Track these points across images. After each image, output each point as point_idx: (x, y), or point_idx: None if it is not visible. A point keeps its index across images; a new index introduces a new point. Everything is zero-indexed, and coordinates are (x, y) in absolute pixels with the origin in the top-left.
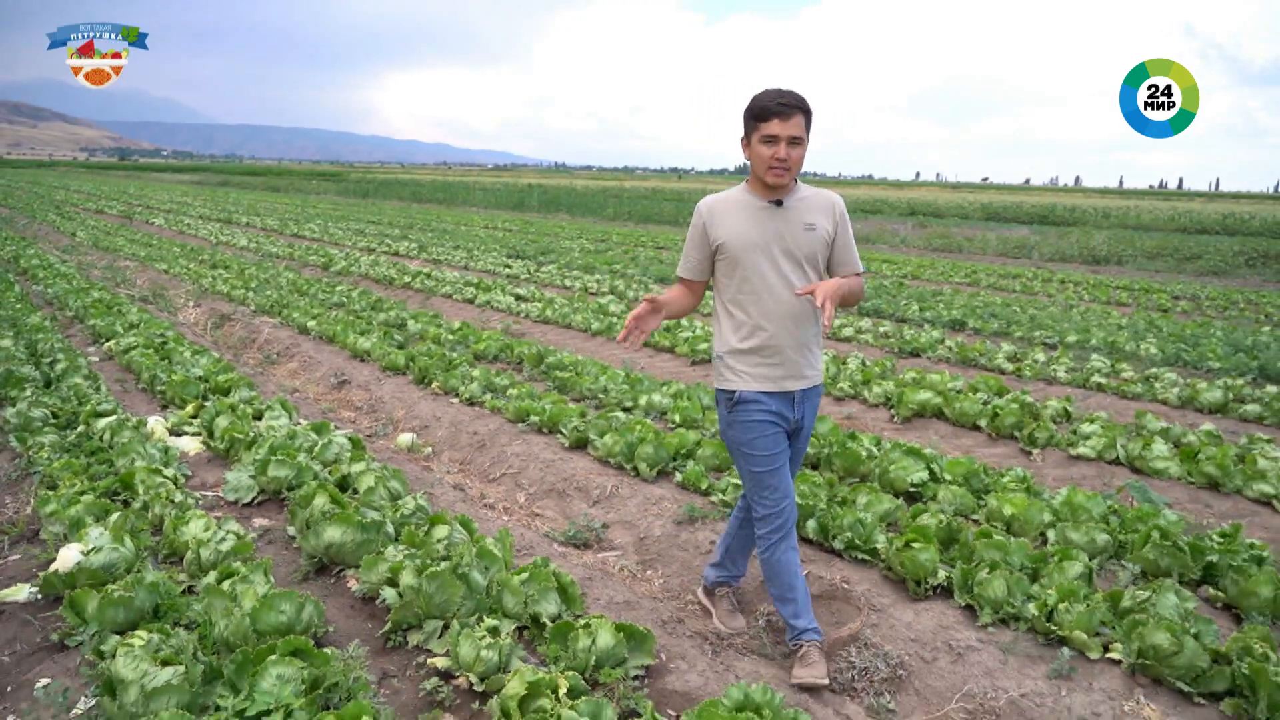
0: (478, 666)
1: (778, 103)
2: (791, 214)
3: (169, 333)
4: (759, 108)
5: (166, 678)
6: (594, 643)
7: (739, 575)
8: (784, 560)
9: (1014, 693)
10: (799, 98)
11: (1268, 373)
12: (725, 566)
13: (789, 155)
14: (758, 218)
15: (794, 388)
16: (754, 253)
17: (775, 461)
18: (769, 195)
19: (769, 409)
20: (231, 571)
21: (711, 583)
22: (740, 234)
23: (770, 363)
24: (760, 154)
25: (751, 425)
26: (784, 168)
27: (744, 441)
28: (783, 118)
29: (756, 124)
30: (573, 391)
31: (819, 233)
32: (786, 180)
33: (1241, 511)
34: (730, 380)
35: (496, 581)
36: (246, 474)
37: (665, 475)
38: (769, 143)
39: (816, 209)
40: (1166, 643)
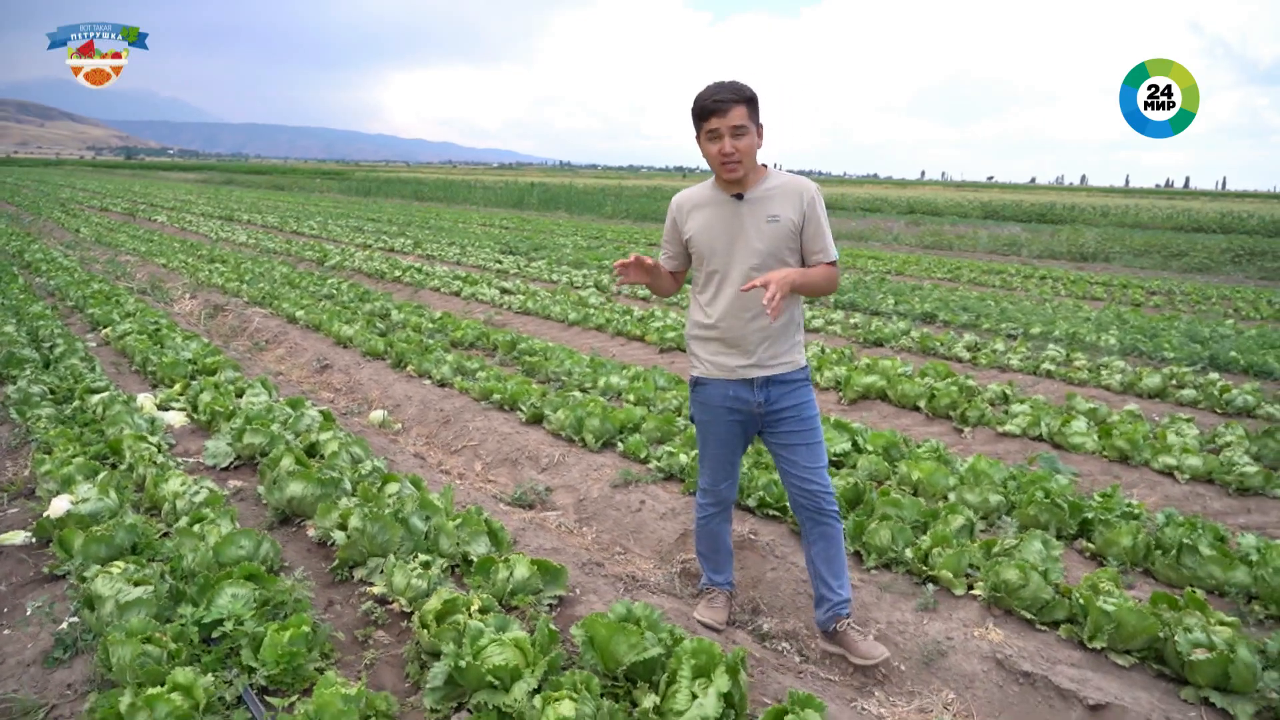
0: (408, 592)
1: (714, 99)
2: (754, 207)
3: (162, 320)
4: (698, 107)
5: (138, 594)
6: (511, 574)
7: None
8: (717, 531)
9: (883, 622)
10: (737, 88)
11: (1217, 362)
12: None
13: (735, 148)
14: (720, 213)
15: (754, 375)
16: (715, 247)
17: (724, 447)
18: (730, 190)
19: (725, 394)
20: (201, 516)
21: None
22: (703, 229)
23: (729, 351)
24: (708, 151)
25: (707, 408)
26: (734, 161)
27: (699, 422)
28: (720, 113)
29: (699, 123)
30: (539, 374)
31: (783, 224)
32: (740, 173)
33: (1147, 481)
34: (694, 365)
35: (434, 527)
36: (225, 442)
37: (610, 446)
38: (713, 138)
39: (782, 199)
40: (1015, 578)
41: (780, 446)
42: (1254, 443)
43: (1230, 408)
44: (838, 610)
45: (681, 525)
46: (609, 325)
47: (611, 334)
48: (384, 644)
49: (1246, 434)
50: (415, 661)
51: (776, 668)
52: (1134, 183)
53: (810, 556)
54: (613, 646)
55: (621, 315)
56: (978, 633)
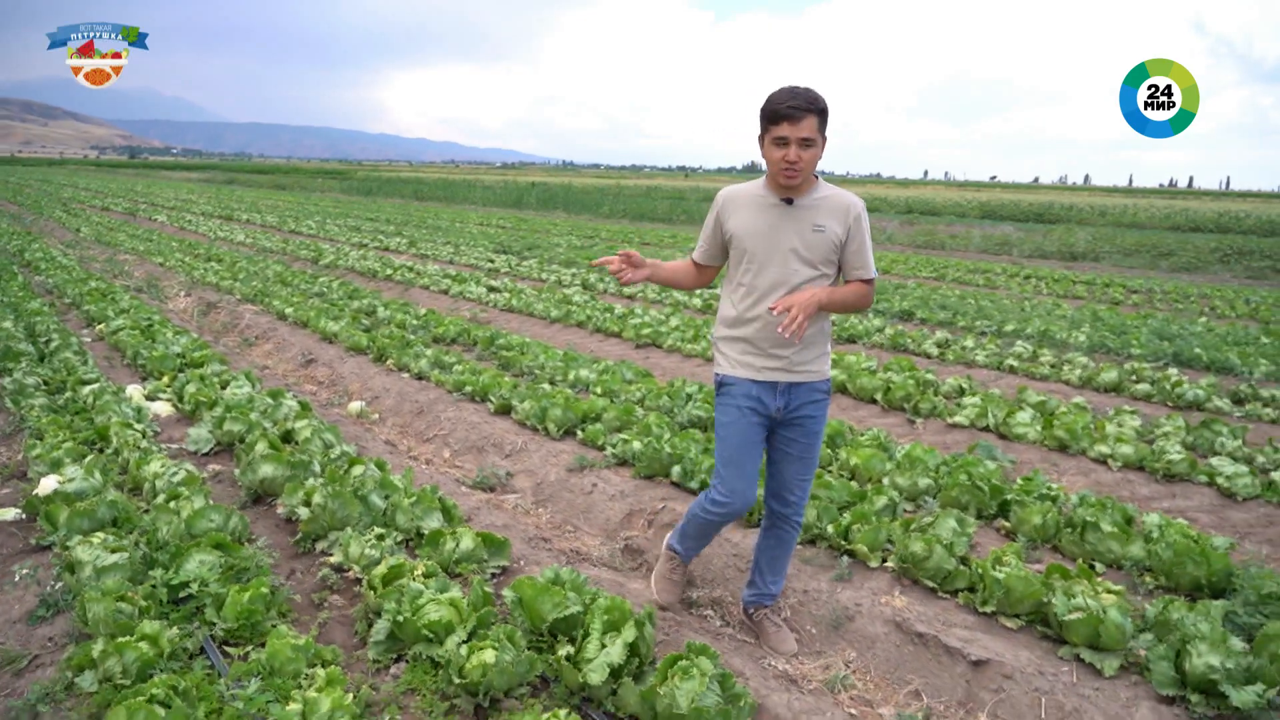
0: (362, 561)
1: (788, 105)
2: (802, 214)
3: (155, 317)
4: (770, 110)
5: (114, 559)
6: (458, 545)
7: (771, 595)
8: (709, 534)
9: (800, 590)
10: (812, 98)
11: (1180, 359)
12: (756, 585)
13: (800, 157)
14: (768, 215)
15: (780, 379)
16: (758, 248)
17: (742, 450)
18: (783, 194)
19: (749, 394)
20: (177, 494)
21: (747, 604)
22: (748, 229)
23: (756, 352)
24: (772, 155)
25: (729, 409)
26: (794, 170)
27: (720, 423)
28: (793, 120)
29: (769, 125)
30: (514, 368)
31: (828, 235)
32: (798, 181)
33: (1082, 468)
34: (719, 364)
35: (392, 504)
36: (206, 429)
37: (570, 434)
38: (780, 145)
39: (830, 211)
40: (921, 550)
41: (777, 452)
42: (1191, 433)
43: (1181, 401)
44: (762, 600)
45: (628, 506)
46: (589, 322)
47: (590, 330)
48: (338, 606)
49: (1186, 425)
50: (364, 620)
51: (697, 630)
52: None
53: (760, 546)
54: (538, 605)
55: (602, 312)
56: (884, 600)
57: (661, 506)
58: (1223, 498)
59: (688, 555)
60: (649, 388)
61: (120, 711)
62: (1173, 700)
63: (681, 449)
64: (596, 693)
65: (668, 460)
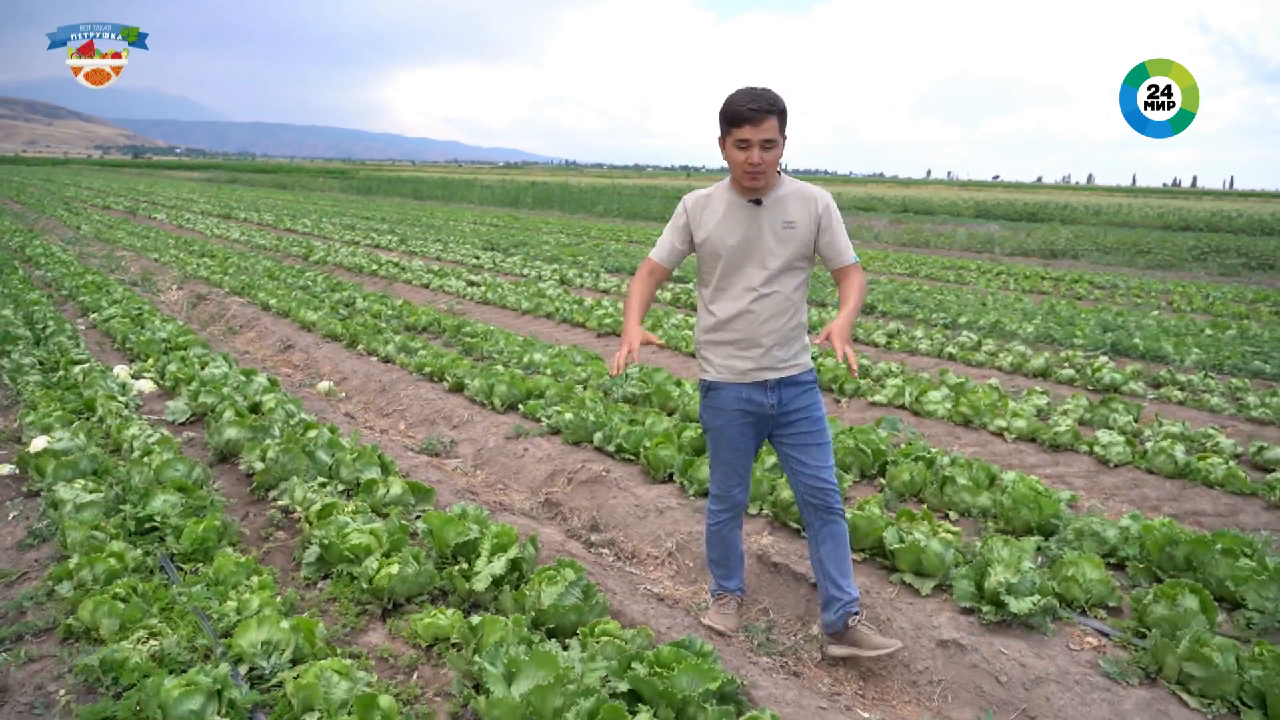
0: (305, 503)
1: (749, 107)
2: (771, 212)
3: (145, 307)
4: (731, 113)
5: (91, 498)
6: (388, 491)
7: (853, 598)
8: (729, 538)
9: (685, 532)
10: (771, 99)
11: (1118, 348)
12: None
13: (762, 159)
14: (738, 216)
15: (767, 377)
16: (732, 251)
17: (736, 451)
18: (748, 195)
19: (739, 397)
20: (150, 450)
21: (835, 626)
22: (720, 233)
23: (743, 355)
24: (734, 158)
25: (720, 413)
26: (758, 171)
27: (712, 427)
28: (754, 123)
29: (730, 127)
30: (476, 353)
31: (799, 230)
32: (762, 183)
33: (981, 440)
34: (706, 370)
35: (337, 459)
36: (183, 402)
37: (513, 409)
38: (742, 147)
39: (797, 206)
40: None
41: (791, 447)
42: (1091, 411)
43: (1100, 385)
44: (848, 609)
45: (553, 466)
46: (557, 314)
47: (558, 321)
48: (281, 540)
49: (1089, 404)
50: (301, 548)
51: (591, 563)
52: (1141, 181)
53: (819, 557)
54: (444, 533)
55: (571, 305)
56: (755, 539)
57: (580, 467)
58: (1099, 464)
59: (729, 586)
60: (595, 369)
61: (88, 604)
62: (970, 611)
63: (605, 418)
64: (482, 598)
65: (592, 427)
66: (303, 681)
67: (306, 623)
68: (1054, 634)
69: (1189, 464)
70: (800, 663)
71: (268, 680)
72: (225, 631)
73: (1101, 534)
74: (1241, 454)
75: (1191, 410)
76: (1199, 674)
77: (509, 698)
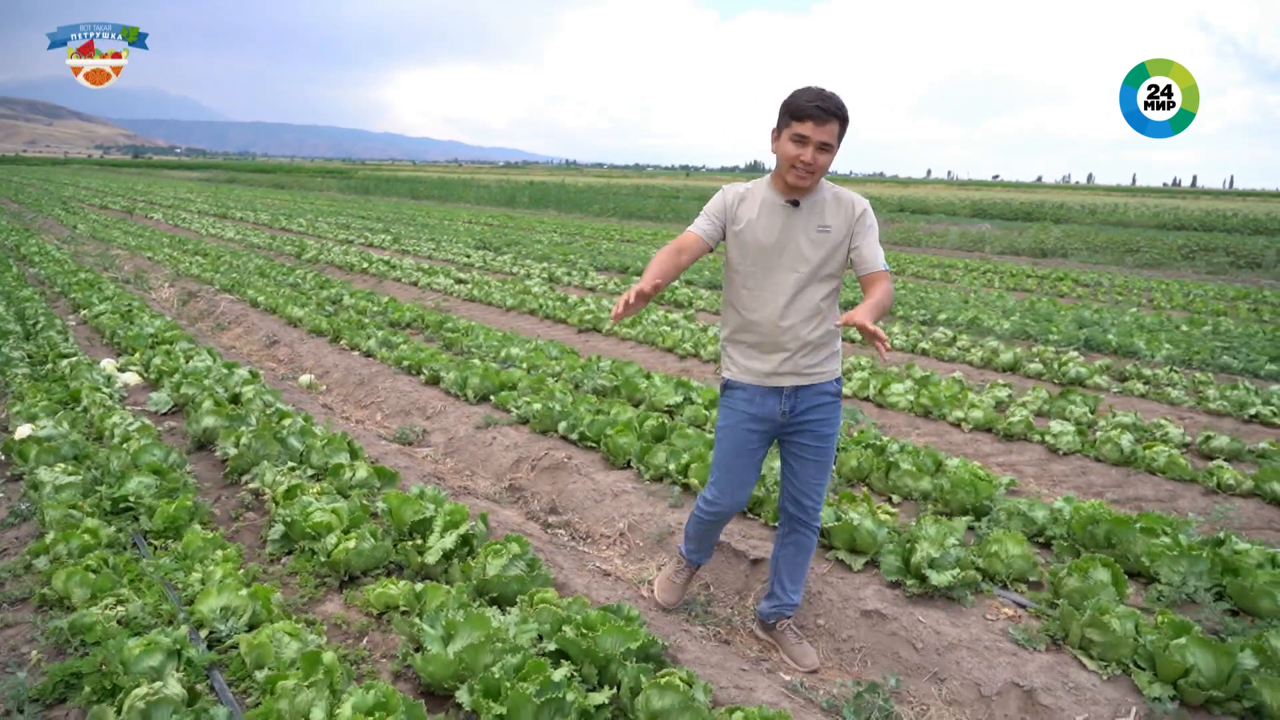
0: (274, 486)
1: (816, 105)
2: (808, 215)
3: (135, 303)
4: (796, 106)
5: (69, 480)
6: (354, 475)
7: (792, 604)
8: (707, 534)
9: (638, 514)
10: (838, 105)
11: (1092, 344)
12: (777, 595)
13: (815, 160)
14: (774, 216)
15: (786, 384)
16: (764, 251)
17: (740, 456)
18: (789, 194)
19: (752, 400)
20: (128, 436)
21: (768, 616)
22: (756, 230)
23: (765, 358)
24: (787, 151)
25: (730, 412)
26: (807, 170)
27: (720, 425)
28: (818, 121)
29: (791, 121)
30: (456, 347)
31: (833, 235)
32: (809, 183)
33: (940, 430)
34: (728, 369)
35: (308, 445)
36: (166, 393)
37: (485, 400)
38: (799, 142)
39: (834, 211)
40: None
41: (791, 456)
42: (1050, 403)
43: (1066, 379)
44: (783, 611)
45: (519, 454)
46: (540, 310)
47: (541, 317)
48: (251, 520)
49: (1049, 396)
50: (268, 526)
51: (545, 542)
52: (1141, 181)
53: (778, 557)
54: (401, 511)
55: (554, 301)
56: None
57: (545, 454)
58: (1049, 453)
59: (692, 559)
60: (569, 363)
61: (61, 574)
62: (896, 584)
63: (571, 408)
64: (433, 570)
65: (558, 416)
66: (256, 641)
67: (263, 590)
68: (972, 605)
69: (1134, 452)
70: (733, 631)
71: (225, 642)
72: (189, 600)
73: (1030, 515)
74: (1190, 443)
75: (1153, 403)
76: (1099, 639)
77: (443, 655)
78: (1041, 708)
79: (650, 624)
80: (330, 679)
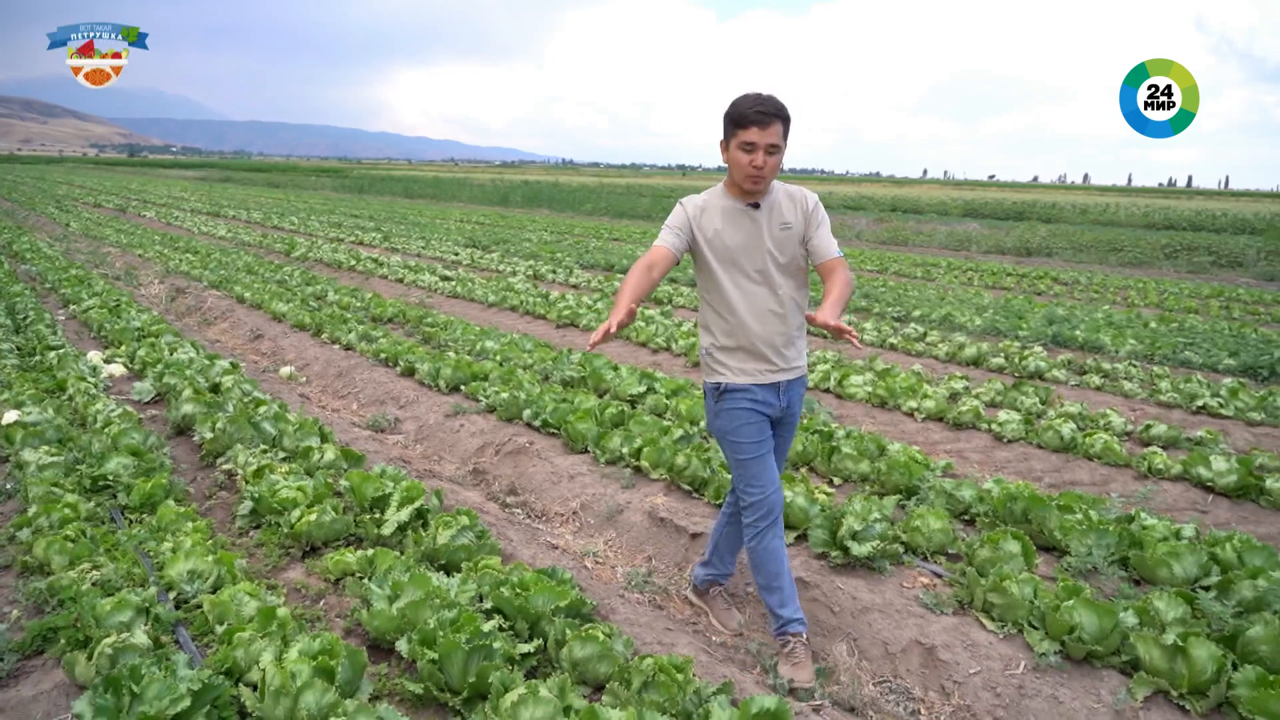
0: (246, 467)
1: (756, 110)
2: (768, 216)
3: (123, 299)
4: (738, 114)
5: (52, 460)
6: (322, 457)
7: (728, 574)
8: (771, 548)
9: (590, 494)
10: (778, 105)
11: (1059, 339)
12: (714, 565)
13: (766, 163)
14: (738, 222)
15: (780, 379)
16: (735, 257)
17: (760, 449)
18: (746, 199)
19: (755, 398)
20: (110, 421)
21: (701, 582)
22: (722, 238)
23: (754, 358)
24: (738, 160)
25: (737, 414)
26: (760, 175)
27: (730, 430)
28: (761, 125)
29: (735, 130)
30: (434, 341)
31: (794, 230)
32: (763, 187)
33: (895, 420)
34: (719, 373)
35: (280, 430)
36: (149, 383)
37: (457, 390)
38: (747, 150)
39: (790, 208)
40: (682, 461)
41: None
42: (1004, 394)
43: (1026, 372)
44: (718, 579)
45: (484, 440)
46: (520, 306)
47: (521, 313)
48: (224, 498)
49: (1004, 387)
50: (238, 503)
51: (501, 519)
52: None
53: (724, 533)
54: (363, 488)
55: (535, 298)
56: (651, 499)
57: (508, 440)
58: (995, 441)
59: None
60: (541, 355)
61: (41, 543)
62: (822, 556)
63: (536, 397)
64: (388, 541)
65: (523, 404)
66: (218, 600)
67: (228, 556)
68: (891, 574)
69: (1074, 439)
70: (668, 599)
71: (190, 602)
72: (160, 566)
73: (957, 494)
74: (1131, 432)
75: (1108, 395)
76: (999, 602)
77: (388, 610)
78: (940, 663)
79: (588, 589)
80: (283, 631)
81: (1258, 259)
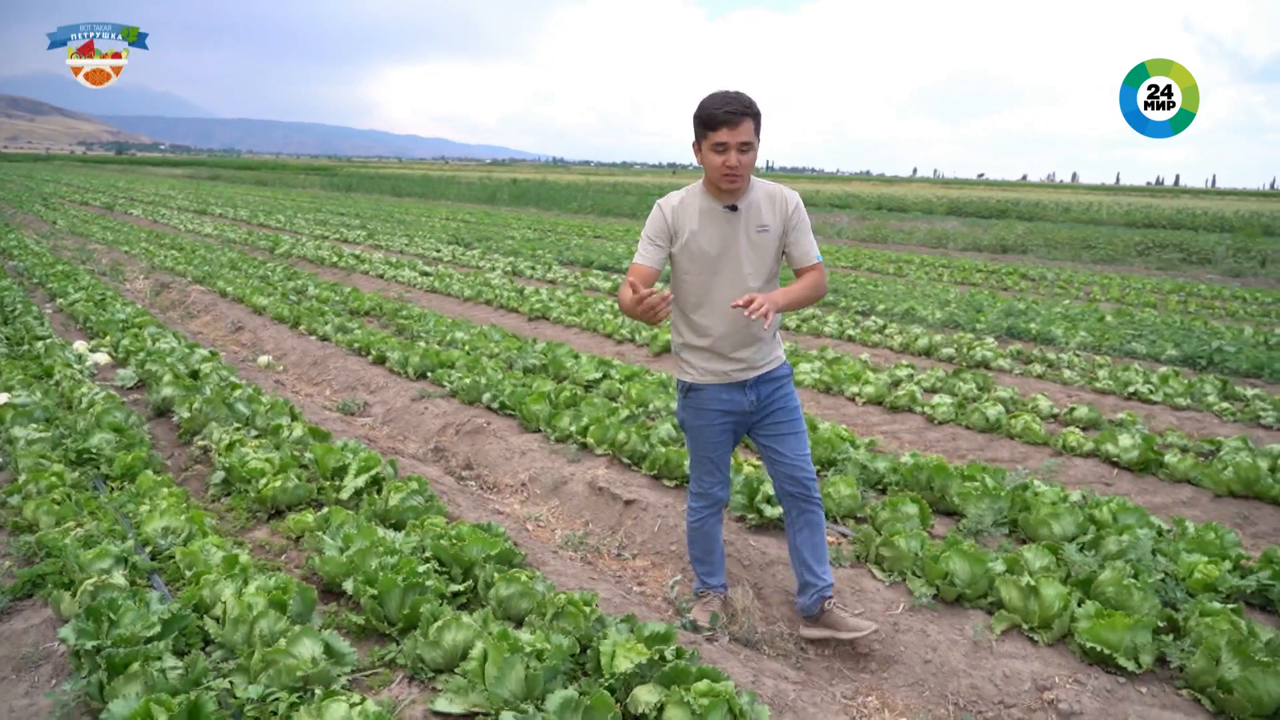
0: (220, 442)
1: (725, 110)
2: (746, 217)
3: (108, 293)
4: (707, 115)
5: (40, 435)
6: (292, 434)
7: (828, 583)
8: (711, 532)
9: (540, 468)
10: (747, 102)
11: (1014, 332)
12: (805, 577)
13: (740, 162)
14: (715, 223)
15: (747, 376)
16: (711, 258)
17: (717, 449)
18: (724, 199)
19: (720, 398)
20: (94, 402)
21: (811, 608)
22: (700, 239)
23: (723, 358)
24: (712, 161)
25: (702, 413)
26: (735, 174)
27: (693, 426)
28: (731, 125)
29: (706, 132)
30: (407, 332)
31: (771, 233)
32: (739, 185)
33: (838, 404)
34: (687, 373)
35: (253, 410)
36: (132, 370)
37: (424, 376)
38: (719, 150)
39: (769, 209)
40: (623, 437)
41: (769, 438)
42: (943, 381)
43: (973, 361)
44: (823, 593)
45: (446, 421)
46: (495, 300)
47: (496, 307)
48: (199, 471)
49: (945, 375)
50: (212, 474)
51: (455, 490)
52: (1125, 180)
53: (796, 544)
54: (325, 459)
55: (510, 293)
56: (593, 472)
57: (468, 421)
58: (928, 422)
59: (712, 580)
60: (507, 345)
61: (30, 505)
62: (740, 519)
63: (497, 381)
64: (346, 504)
65: (483, 388)
66: (188, 550)
67: (199, 514)
68: None
69: (999, 420)
70: (599, 557)
71: (164, 554)
72: (137, 525)
73: (871, 466)
74: (1057, 414)
75: (1048, 383)
76: (888, 555)
77: (338, 557)
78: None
79: (524, 547)
80: (245, 574)
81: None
